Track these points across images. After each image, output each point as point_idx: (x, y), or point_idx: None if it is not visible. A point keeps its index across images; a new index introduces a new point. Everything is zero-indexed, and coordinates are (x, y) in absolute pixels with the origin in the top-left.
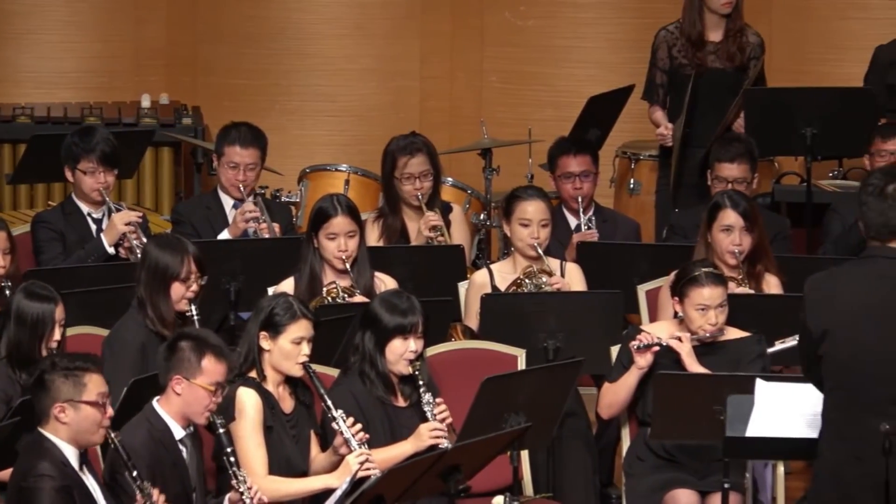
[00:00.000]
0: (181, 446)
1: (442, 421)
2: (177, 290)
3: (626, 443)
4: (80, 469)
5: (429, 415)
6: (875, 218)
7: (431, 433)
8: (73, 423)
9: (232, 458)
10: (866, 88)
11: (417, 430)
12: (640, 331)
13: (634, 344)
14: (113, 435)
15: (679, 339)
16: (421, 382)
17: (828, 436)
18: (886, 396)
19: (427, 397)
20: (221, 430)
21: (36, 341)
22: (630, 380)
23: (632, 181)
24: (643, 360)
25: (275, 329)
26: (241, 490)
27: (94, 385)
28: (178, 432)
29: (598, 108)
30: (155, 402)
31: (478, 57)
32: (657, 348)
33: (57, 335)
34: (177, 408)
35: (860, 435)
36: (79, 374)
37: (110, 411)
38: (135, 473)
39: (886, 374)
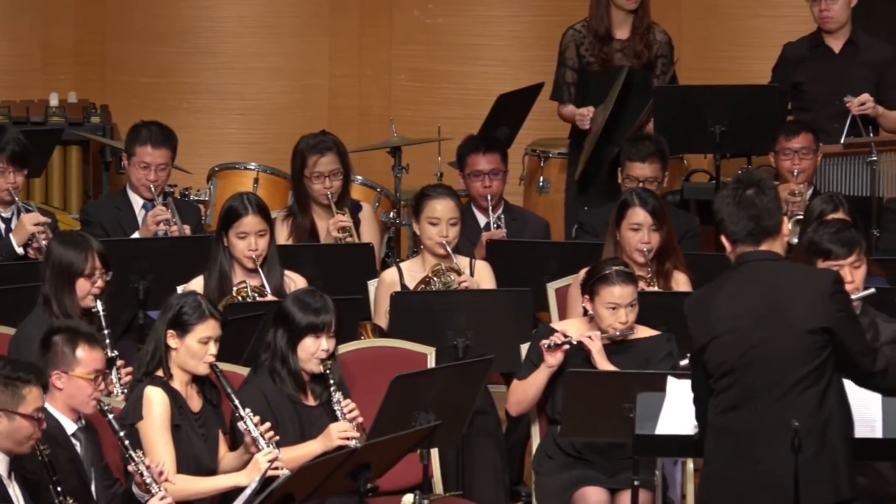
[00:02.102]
0: (74, 440)
1: (352, 420)
2: (82, 286)
3: (535, 440)
4: (9, 476)
5: (339, 414)
6: (744, 224)
7: (340, 433)
8: (4, 432)
9: (126, 442)
10: (775, 86)
11: (326, 430)
12: (550, 329)
13: (545, 343)
14: (42, 447)
15: (590, 337)
16: (332, 381)
17: (716, 440)
18: (775, 394)
19: (337, 396)
20: (111, 416)
21: None
22: (539, 377)
23: (541, 179)
24: (553, 359)
25: (182, 328)
26: (140, 470)
27: (33, 399)
28: (70, 427)
29: (507, 106)
30: None
31: (386, 55)
32: (567, 347)
33: None
34: (62, 402)
35: (751, 435)
36: (19, 385)
37: (44, 425)
38: (59, 489)
39: (774, 371)
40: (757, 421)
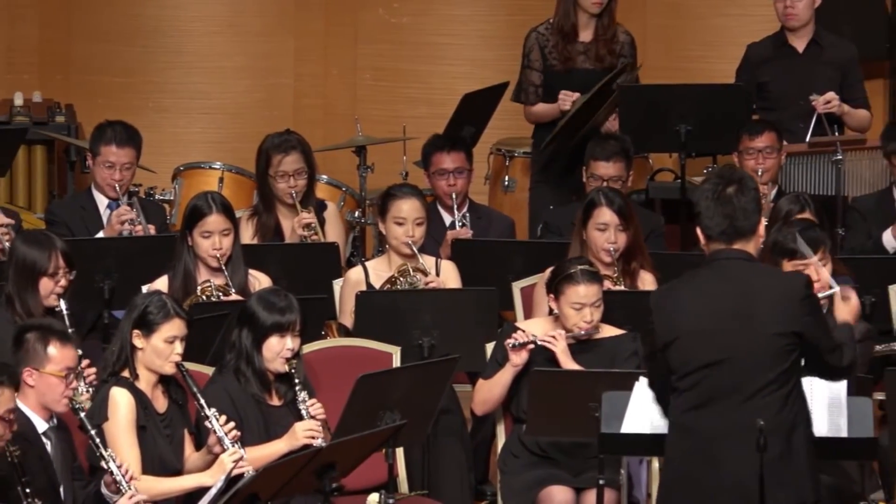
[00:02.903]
0: (45, 439)
1: (317, 419)
2: (45, 285)
3: (501, 440)
4: None
5: (304, 413)
6: (718, 222)
7: (305, 432)
8: None
9: (98, 440)
10: (740, 85)
11: (291, 429)
12: (515, 328)
13: (509, 342)
14: (11, 448)
15: (554, 337)
16: (297, 381)
17: (678, 439)
18: (741, 395)
19: (303, 395)
20: (82, 414)
21: None
22: (504, 377)
23: (506, 178)
24: (518, 358)
25: (148, 327)
26: (110, 468)
27: (5, 400)
28: (41, 425)
29: (472, 105)
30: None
31: (352, 54)
32: (532, 346)
33: None
34: (34, 400)
35: (715, 436)
36: None
37: (14, 427)
38: (27, 490)
39: (741, 373)
40: (721, 422)
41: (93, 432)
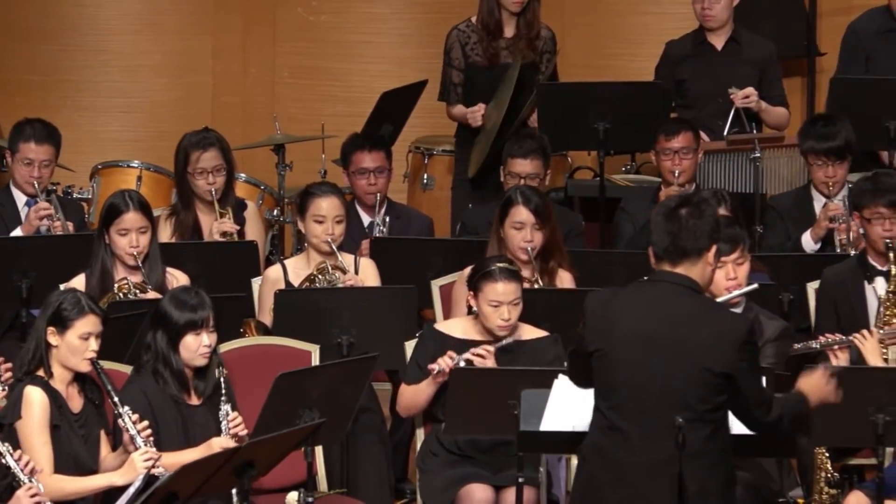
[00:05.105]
0: None
1: (234, 436)
2: None
3: (419, 438)
4: None
5: (223, 428)
6: (662, 238)
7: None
8: None
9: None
10: (658, 83)
11: (208, 442)
12: (436, 331)
13: (434, 367)
14: None
15: (484, 353)
16: (223, 391)
17: (591, 460)
18: (662, 424)
19: (225, 409)
20: None
21: None
22: (429, 390)
23: (425, 176)
24: (441, 377)
25: (62, 324)
26: (7, 463)
27: None
28: None
29: (391, 103)
30: None
31: (270, 52)
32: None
33: None
34: None
35: (631, 464)
36: None
37: None
38: None
39: (667, 400)
40: (638, 450)
41: None
